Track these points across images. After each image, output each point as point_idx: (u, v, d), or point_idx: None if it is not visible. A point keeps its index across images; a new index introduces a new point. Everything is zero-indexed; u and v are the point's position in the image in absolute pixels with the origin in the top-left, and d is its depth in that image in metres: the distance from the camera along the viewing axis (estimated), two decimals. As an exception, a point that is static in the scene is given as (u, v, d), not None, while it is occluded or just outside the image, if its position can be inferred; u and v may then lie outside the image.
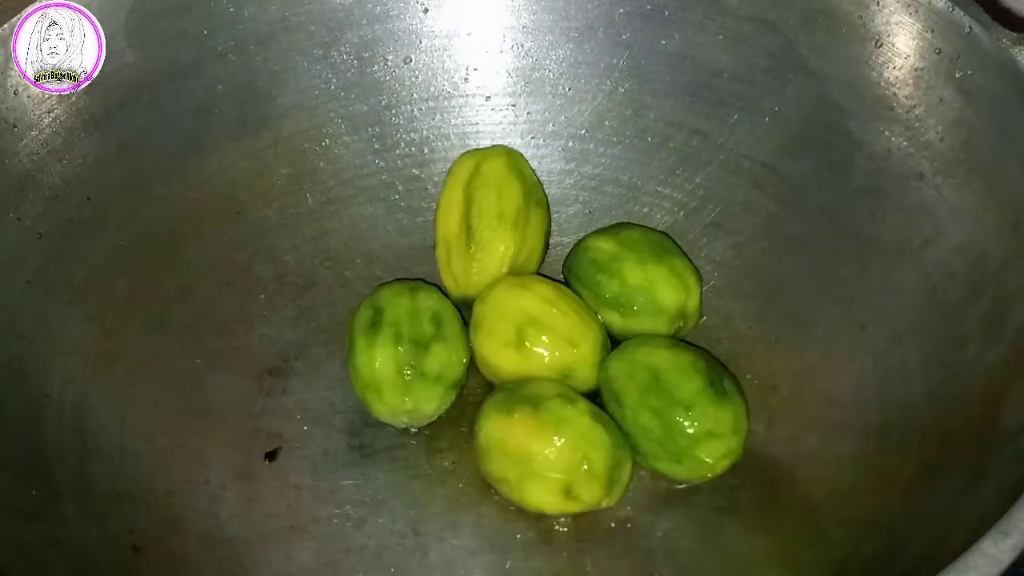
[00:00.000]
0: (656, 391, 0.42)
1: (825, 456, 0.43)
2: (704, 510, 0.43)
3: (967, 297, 0.41)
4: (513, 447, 0.41)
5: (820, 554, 0.40)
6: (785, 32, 0.46)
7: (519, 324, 0.43)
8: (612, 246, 0.45)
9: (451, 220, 0.47)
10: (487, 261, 0.46)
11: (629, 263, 0.45)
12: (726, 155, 0.48)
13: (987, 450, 0.37)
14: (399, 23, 0.49)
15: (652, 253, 0.45)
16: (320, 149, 0.50)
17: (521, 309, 0.44)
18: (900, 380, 0.42)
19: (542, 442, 0.41)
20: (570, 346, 0.43)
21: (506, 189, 0.46)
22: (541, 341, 0.43)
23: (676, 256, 0.45)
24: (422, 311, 0.44)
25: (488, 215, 0.46)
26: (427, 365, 0.43)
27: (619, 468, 0.41)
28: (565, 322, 0.44)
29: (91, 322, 0.44)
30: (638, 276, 0.45)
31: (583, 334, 0.44)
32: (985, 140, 0.41)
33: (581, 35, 0.49)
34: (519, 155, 0.48)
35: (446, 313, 0.45)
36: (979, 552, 0.30)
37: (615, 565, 0.41)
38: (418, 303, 0.44)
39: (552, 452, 0.40)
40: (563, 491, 0.41)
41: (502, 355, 0.44)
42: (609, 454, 0.41)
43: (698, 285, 0.45)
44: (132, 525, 0.41)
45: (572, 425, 0.41)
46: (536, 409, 0.41)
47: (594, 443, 0.41)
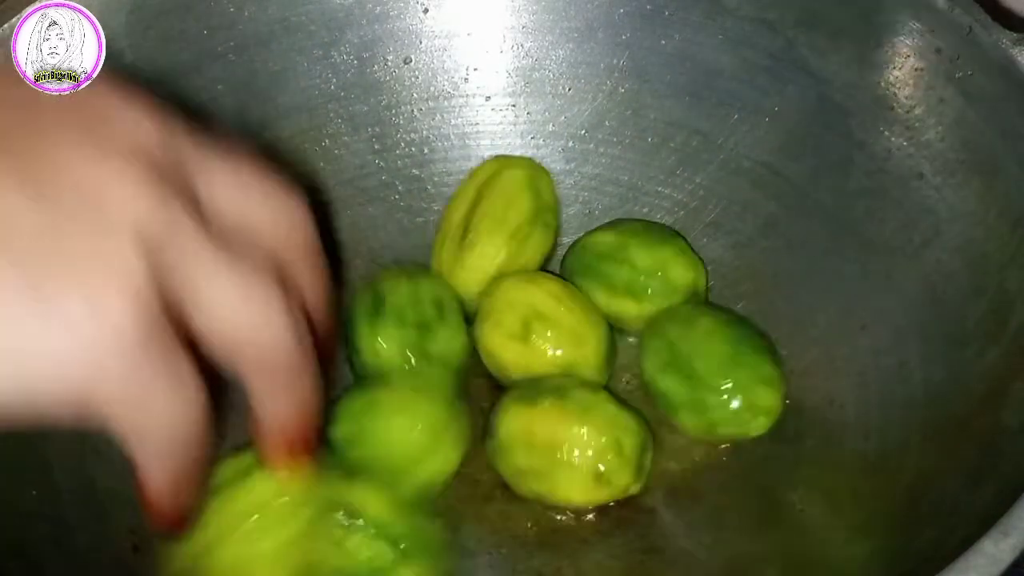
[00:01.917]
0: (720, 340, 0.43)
1: (825, 456, 0.43)
2: (705, 510, 0.43)
3: (967, 297, 0.41)
4: (540, 437, 0.41)
5: (820, 554, 0.40)
6: (785, 32, 0.46)
7: (526, 317, 0.44)
8: (614, 237, 0.46)
9: (456, 212, 0.47)
10: (475, 260, 0.46)
11: (635, 248, 0.45)
12: (726, 155, 0.48)
13: (987, 450, 0.37)
14: (399, 23, 0.49)
15: (656, 237, 0.46)
16: (320, 149, 0.50)
17: (529, 303, 0.44)
18: (900, 380, 0.42)
19: (570, 429, 0.41)
20: (575, 343, 0.44)
21: (516, 200, 0.46)
22: (547, 336, 0.43)
23: (679, 239, 0.46)
24: (423, 296, 0.45)
25: (489, 218, 0.46)
26: (431, 347, 0.44)
27: (645, 453, 0.42)
28: (571, 319, 0.44)
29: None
30: (647, 259, 0.45)
31: (588, 332, 0.44)
32: (985, 140, 0.41)
33: (581, 35, 0.49)
34: (545, 175, 0.48)
35: (446, 298, 0.45)
36: (979, 552, 0.30)
37: (615, 565, 0.41)
38: (419, 289, 0.45)
39: (583, 437, 0.41)
40: (594, 477, 0.41)
41: (507, 347, 0.44)
42: (637, 438, 0.41)
43: (703, 266, 0.46)
44: (132, 525, 0.41)
45: (599, 411, 0.41)
46: (561, 399, 0.41)
47: (623, 427, 0.41)
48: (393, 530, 0.37)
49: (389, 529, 0.37)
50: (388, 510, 0.38)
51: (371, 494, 0.38)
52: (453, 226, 0.47)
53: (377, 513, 0.38)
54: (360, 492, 0.38)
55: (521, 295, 0.44)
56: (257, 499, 0.35)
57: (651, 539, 0.42)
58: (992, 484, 0.35)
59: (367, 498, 0.38)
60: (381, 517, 0.37)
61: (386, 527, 0.37)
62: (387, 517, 0.38)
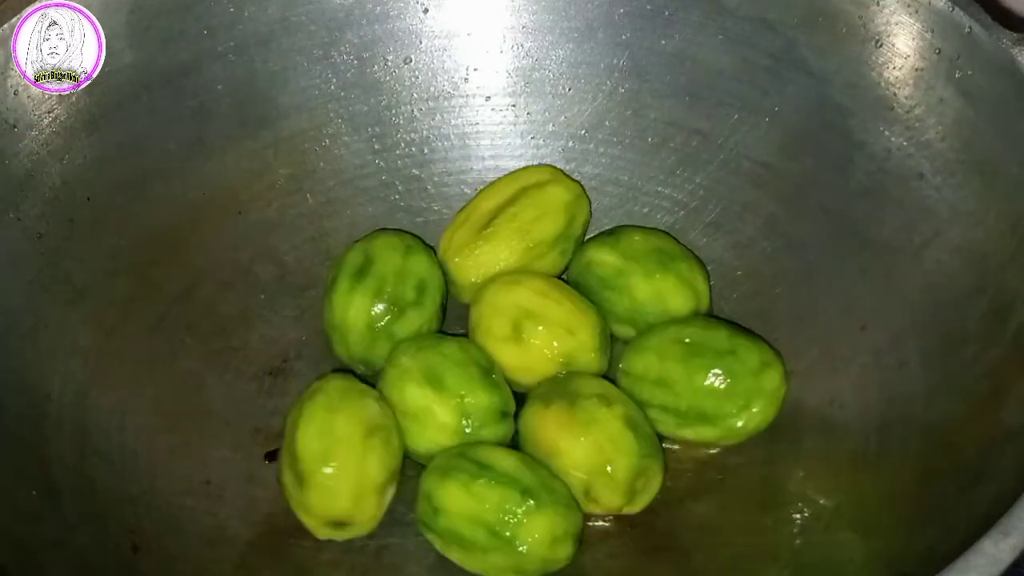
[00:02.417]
0: (697, 354, 0.42)
1: (825, 456, 0.43)
2: (704, 510, 0.43)
3: (967, 297, 0.41)
4: (544, 439, 0.41)
5: (820, 554, 0.40)
6: (785, 32, 0.46)
7: (515, 318, 0.44)
8: (615, 259, 0.45)
9: (488, 201, 0.47)
10: (486, 252, 0.46)
11: (635, 276, 0.45)
12: (726, 155, 0.48)
13: (987, 450, 0.37)
14: (399, 23, 0.49)
15: (657, 262, 0.45)
16: (320, 149, 0.50)
17: (515, 304, 0.44)
18: (900, 380, 0.42)
19: (569, 439, 0.41)
20: (568, 334, 0.43)
21: (548, 218, 0.46)
22: (538, 332, 0.43)
23: (681, 260, 0.45)
24: (409, 274, 0.45)
25: (517, 221, 0.46)
26: (398, 328, 0.44)
27: (644, 478, 0.41)
28: (561, 311, 0.44)
29: (91, 322, 0.44)
30: (646, 290, 0.45)
31: (580, 321, 0.44)
32: (985, 140, 0.41)
33: (581, 35, 0.49)
34: (585, 206, 0.47)
35: (432, 282, 0.45)
36: (979, 552, 0.30)
37: (615, 565, 0.41)
38: (409, 265, 0.45)
39: (577, 451, 0.40)
40: (583, 491, 0.41)
41: (501, 350, 0.44)
42: (633, 463, 0.40)
43: (706, 283, 0.46)
44: (132, 525, 0.41)
45: (602, 427, 0.41)
46: (572, 406, 0.41)
47: (621, 449, 0.40)
48: (521, 478, 0.39)
49: (517, 476, 0.39)
50: (516, 463, 0.40)
51: (499, 451, 0.40)
52: (478, 212, 0.47)
53: (506, 464, 0.40)
54: (486, 450, 0.40)
55: (507, 297, 0.44)
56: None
57: (651, 539, 0.42)
58: (992, 484, 0.35)
59: (494, 453, 0.40)
60: (509, 468, 0.39)
61: (514, 474, 0.39)
62: (515, 469, 0.39)
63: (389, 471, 0.41)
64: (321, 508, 0.40)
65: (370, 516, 0.41)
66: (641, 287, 0.45)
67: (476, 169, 0.51)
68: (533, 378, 0.44)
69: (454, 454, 0.41)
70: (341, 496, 0.40)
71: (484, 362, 0.43)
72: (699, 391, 0.42)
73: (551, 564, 0.39)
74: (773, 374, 0.42)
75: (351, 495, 0.40)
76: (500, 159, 0.51)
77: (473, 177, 0.50)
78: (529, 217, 0.46)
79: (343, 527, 0.41)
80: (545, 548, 0.39)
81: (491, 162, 0.51)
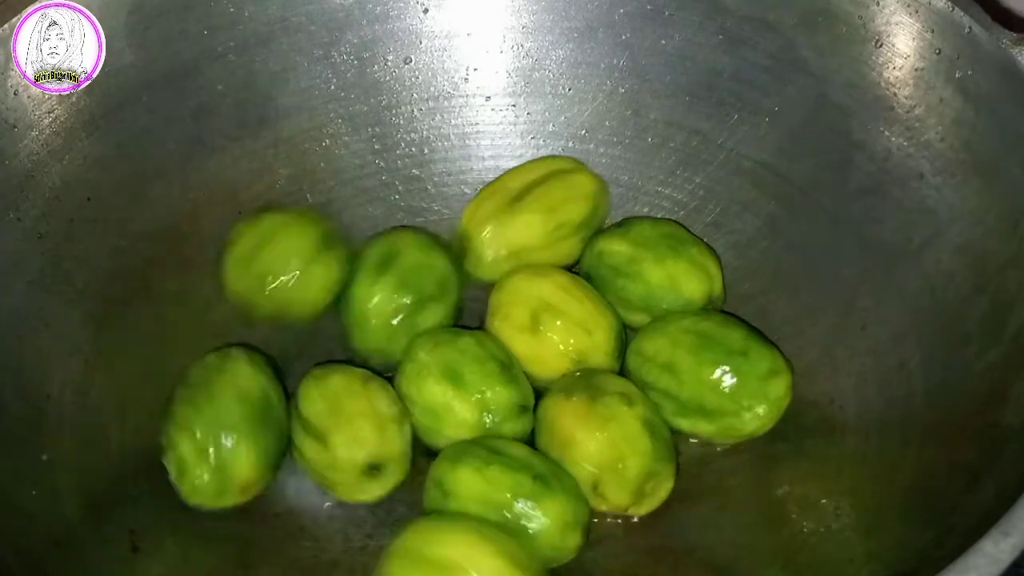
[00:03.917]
0: (709, 347, 0.42)
1: (825, 456, 0.43)
2: (703, 510, 0.43)
3: (967, 297, 0.41)
4: (560, 428, 0.41)
5: (820, 554, 0.40)
6: (785, 32, 0.46)
7: (535, 309, 0.44)
8: (626, 247, 0.46)
9: (516, 180, 0.47)
10: (515, 226, 0.46)
11: (648, 263, 0.45)
12: (726, 155, 0.48)
13: (987, 450, 0.37)
14: (399, 23, 0.49)
15: (668, 247, 0.45)
16: (320, 149, 0.50)
17: (537, 295, 0.44)
18: (900, 380, 0.42)
19: (585, 431, 0.41)
20: (585, 333, 0.44)
21: (576, 201, 0.47)
22: (556, 326, 0.44)
23: (692, 244, 0.46)
24: (431, 269, 0.45)
25: (547, 199, 0.46)
26: (419, 321, 0.44)
27: (654, 481, 0.41)
28: (580, 309, 0.44)
29: (91, 322, 0.44)
30: (659, 275, 0.45)
31: (598, 323, 0.44)
32: (985, 140, 0.41)
33: (581, 35, 0.49)
34: (607, 200, 0.48)
35: (451, 279, 0.46)
36: (979, 552, 0.30)
37: (615, 565, 0.41)
38: (430, 260, 0.45)
39: (591, 443, 0.41)
40: (592, 486, 0.41)
41: (517, 340, 0.44)
42: (646, 464, 0.41)
43: (718, 267, 0.46)
44: (132, 525, 0.41)
45: (620, 425, 0.41)
46: (592, 400, 0.41)
47: (635, 449, 0.41)
48: (534, 464, 0.40)
49: (529, 462, 0.40)
50: (528, 452, 0.41)
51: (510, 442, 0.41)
52: (507, 188, 0.47)
53: (518, 452, 0.40)
54: (498, 440, 0.41)
55: (529, 287, 0.44)
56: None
57: (652, 539, 0.42)
58: (992, 484, 0.35)
59: (506, 443, 0.41)
60: (521, 455, 0.40)
61: (526, 461, 0.40)
62: (527, 456, 0.40)
63: (398, 406, 0.42)
64: (350, 453, 0.41)
65: (399, 451, 0.42)
66: (654, 272, 0.45)
67: (476, 169, 0.51)
68: (544, 370, 0.44)
69: (465, 443, 0.41)
70: (364, 431, 0.41)
71: (502, 356, 0.43)
72: (704, 384, 0.42)
73: (559, 552, 0.40)
74: (780, 383, 0.42)
75: (372, 428, 0.41)
76: (500, 159, 0.51)
77: (473, 177, 0.51)
78: (559, 198, 0.46)
79: (378, 473, 0.41)
80: (556, 533, 0.39)
81: (491, 162, 0.51)
